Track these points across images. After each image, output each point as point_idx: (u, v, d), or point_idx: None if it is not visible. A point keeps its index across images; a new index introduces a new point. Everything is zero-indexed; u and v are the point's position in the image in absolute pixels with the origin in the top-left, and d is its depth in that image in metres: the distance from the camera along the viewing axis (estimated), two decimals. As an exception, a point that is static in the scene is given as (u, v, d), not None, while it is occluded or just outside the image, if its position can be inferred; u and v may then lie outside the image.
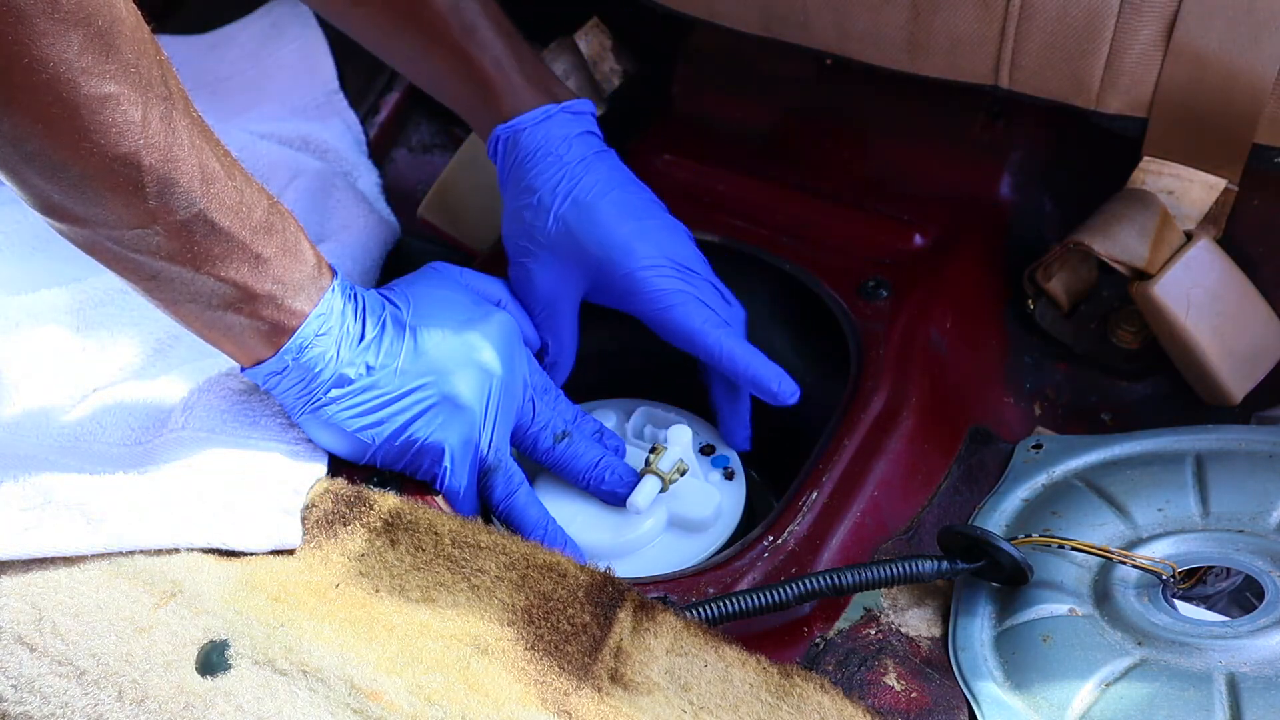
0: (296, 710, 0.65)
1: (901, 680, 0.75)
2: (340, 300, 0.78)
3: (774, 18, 1.00)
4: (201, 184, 0.69)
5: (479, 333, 0.83)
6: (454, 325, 0.82)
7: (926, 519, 0.86)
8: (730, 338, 0.90)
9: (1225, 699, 0.70)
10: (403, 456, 0.81)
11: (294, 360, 0.77)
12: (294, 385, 0.78)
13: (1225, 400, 0.93)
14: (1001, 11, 0.90)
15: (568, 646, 0.69)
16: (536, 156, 0.91)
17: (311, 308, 0.76)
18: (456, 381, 0.81)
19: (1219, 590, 0.83)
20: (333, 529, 0.75)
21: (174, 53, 0.72)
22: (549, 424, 0.88)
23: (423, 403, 0.80)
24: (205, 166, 0.69)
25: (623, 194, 0.92)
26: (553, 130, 0.91)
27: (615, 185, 0.92)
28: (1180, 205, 0.93)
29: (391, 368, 0.79)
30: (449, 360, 0.81)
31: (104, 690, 0.67)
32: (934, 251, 1.01)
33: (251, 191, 0.73)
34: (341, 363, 0.78)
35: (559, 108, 0.92)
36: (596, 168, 0.91)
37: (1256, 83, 0.86)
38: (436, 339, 0.81)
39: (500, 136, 0.92)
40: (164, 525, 0.73)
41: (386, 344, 0.79)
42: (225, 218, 0.70)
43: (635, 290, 0.90)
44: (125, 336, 0.90)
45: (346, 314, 0.78)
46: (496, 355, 0.83)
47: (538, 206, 0.91)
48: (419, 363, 0.80)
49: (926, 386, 0.92)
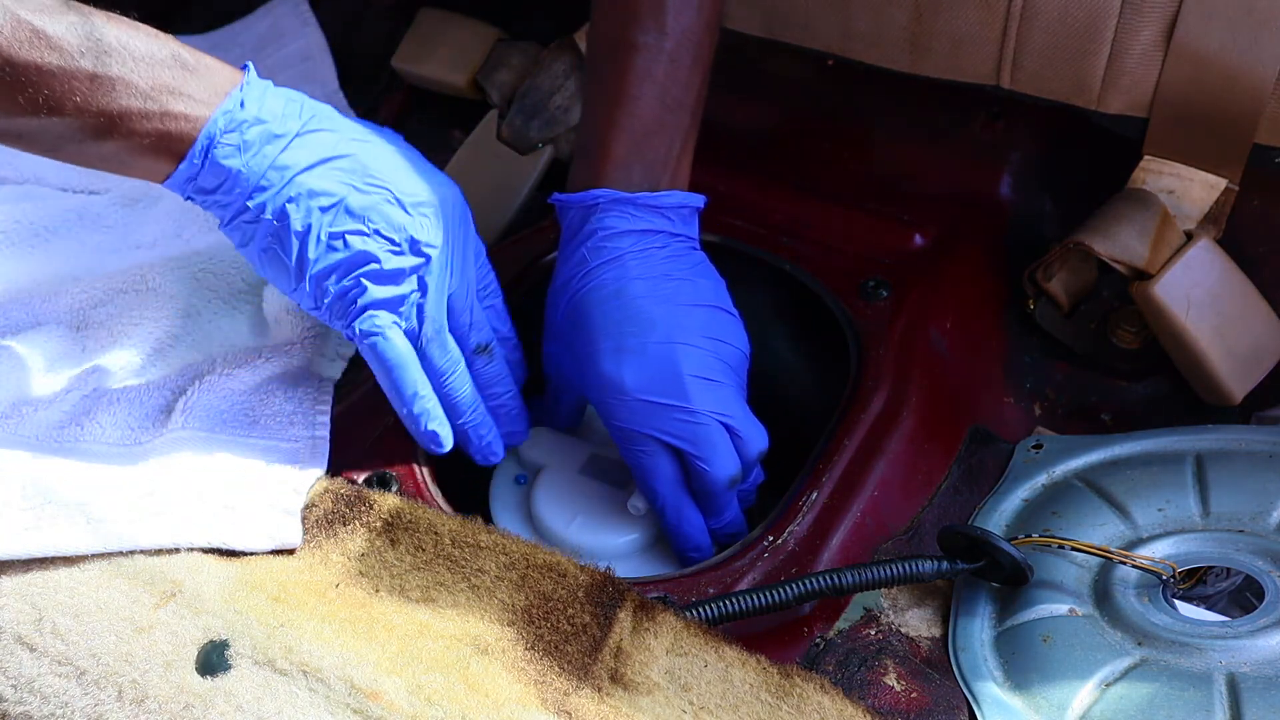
0: (296, 710, 0.65)
1: (901, 680, 0.75)
2: (257, 95, 0.77)
3: (776, 19, 1.00)
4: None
5: (440, 176, 0.81)
6: (410, 156, 0.81)
7: (926, 519, 0.86)
8: (675, 508, 0.84)
9: (1225, 699, 0.70)
10: (329, 278, 0.78)
11: (203, 163, 0.76)
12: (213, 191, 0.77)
13: (1225, 400, 0.93)
14: (1003, 12, 0.90)
15: (568, 646, 0.69)
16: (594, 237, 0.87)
17: (210, 111, 0.75)
18: (415, 188, 0.79)
19: (1219, 590, 0.83)
20: (333, 529, 0.75)
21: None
22: (475, 327, 0.84)
23: (372, 210, 0.78)
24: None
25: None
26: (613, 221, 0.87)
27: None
28: (1180, 205, 0.93)
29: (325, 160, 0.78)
30: (404, 175, 0.79)
31: (104, 690, 0.67)
32: (934, 251, 1.01)
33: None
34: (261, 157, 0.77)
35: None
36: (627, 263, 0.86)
37: (1257, 83, 0.86)
38: (387, 155, 0.79)
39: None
40: (164, 525, 0.73)
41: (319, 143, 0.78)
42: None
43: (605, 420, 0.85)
44: (125, 336, 0.90)
45: (265, 107, 0.77)
46: (460, 199, 0.81)
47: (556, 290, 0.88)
48: (366, 167, 0.79)
49: (926, 386, 0.92)
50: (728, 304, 0.87)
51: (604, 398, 0.84)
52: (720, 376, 0.84)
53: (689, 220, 0.89)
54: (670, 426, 0.82)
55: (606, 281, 0.85)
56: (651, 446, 0.83)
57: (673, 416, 0.82)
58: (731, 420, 0.83)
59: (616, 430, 0.84)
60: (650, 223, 0.87)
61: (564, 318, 0.87)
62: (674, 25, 0.87)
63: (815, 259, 1.00)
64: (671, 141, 0.89)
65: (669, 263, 0.86)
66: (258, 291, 0.96)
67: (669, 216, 0.87)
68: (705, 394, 0.83)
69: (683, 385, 0.82)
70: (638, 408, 0.82)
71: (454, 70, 1.16)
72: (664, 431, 0.82)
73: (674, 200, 0.87)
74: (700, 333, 0.84)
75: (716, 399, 0.83)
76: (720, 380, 0.84)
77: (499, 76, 1.13)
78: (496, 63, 1.14)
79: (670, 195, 0.87)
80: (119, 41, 0.73)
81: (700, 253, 0.89)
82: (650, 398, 0.82)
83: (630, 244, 0.86)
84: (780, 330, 1.00)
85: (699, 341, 0.84)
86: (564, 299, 0.87)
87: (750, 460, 0.85)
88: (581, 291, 0.86)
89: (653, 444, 0.83)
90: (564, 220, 0.89)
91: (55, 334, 0.89)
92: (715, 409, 0.83)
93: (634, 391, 0.82)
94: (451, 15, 1.18)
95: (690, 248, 0.88)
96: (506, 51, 1.14)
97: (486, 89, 1.14)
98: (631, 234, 0.86)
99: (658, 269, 0.86)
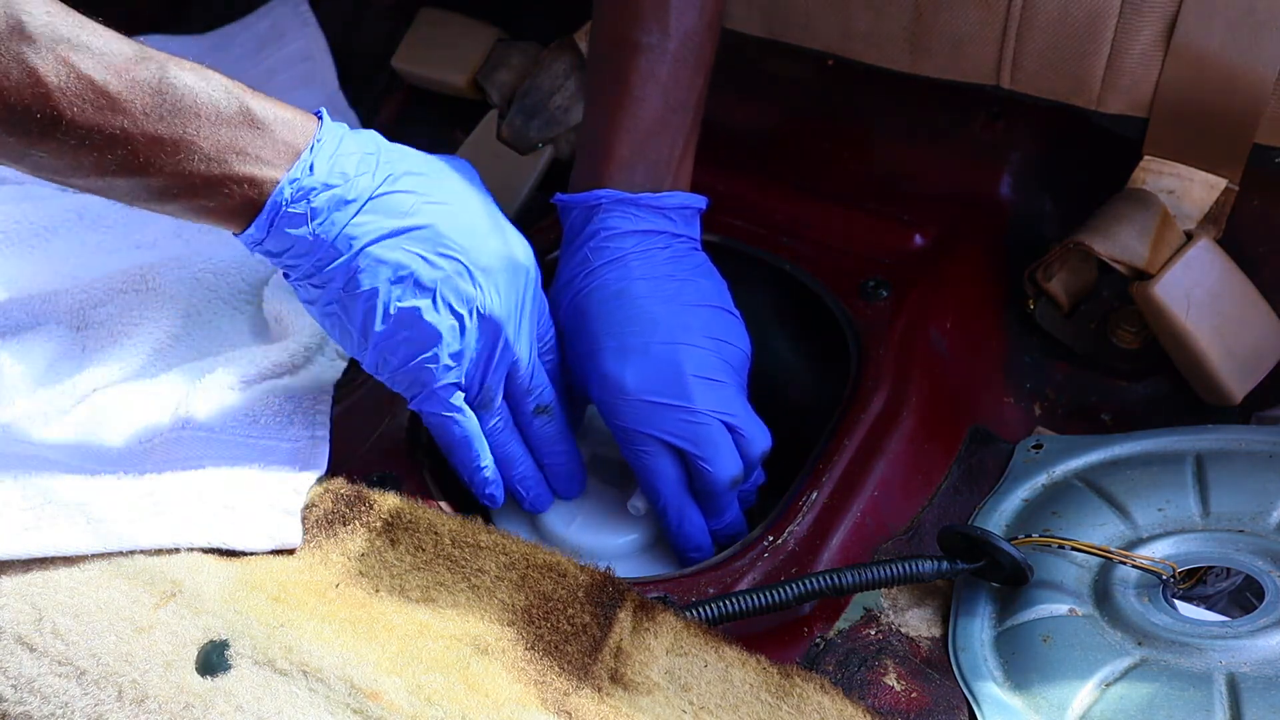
0: (296, 710, 0.65)
1: (901, 680, 0.75)
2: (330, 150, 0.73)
3: (776, 19, 1.00)
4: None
5: (513, 233, 0.78)
6: (485, 211, 0.78)
7: (926, 519, 0.86)
8: (676, 508, 0.84)
9: (1225, 699, 0.70)
10: (396, 337, 0.76)
11: (271, 229, 0.72)
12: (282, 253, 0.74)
13: (1225, 400, 0.93)
14: (1003, 12, 0.90)
15: (568, 646, 0.69)
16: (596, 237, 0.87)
17: (281, 174, 0.72)
18: (487, 257, 0.76)
19: (1219, 590, 0.83)
20: (333, 529, 0.75)
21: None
22: (538, 391, 0.84)
23: (446, 272, 0.75)
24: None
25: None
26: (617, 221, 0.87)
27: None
28: (1181, 205, 0.93)
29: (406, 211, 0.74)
30: (476, 241, 0.76)
31: (104, 690, 0.66)
32: (934, 251, 1.01)
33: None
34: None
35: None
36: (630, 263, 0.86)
37: (1257, 83, 0.86)
38: (461, 217, 0.76)
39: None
40: (164, 525, 0.73)
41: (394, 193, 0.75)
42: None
43: (609, 420, 0.85)
44: (125, 336, 0.90)
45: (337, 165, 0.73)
46: (530, 257, 0.79)
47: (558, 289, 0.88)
48: (441, 225, 0.75)
49: (926, 386, 0.92)
50: (729, 304, 0.87)
51: (606, 398, 0.84)
52: (722, 376, 0.84)
53: (691, 221, 0.89)
54: (672, 426, 0.82)
55: (609, 281, 0.85)
56: (653, 447, 0.83)
57: (675, 416, 0.82)
58: (734, 420, 0.83)
59: (619, 430, 0.84)
60: (653, 223, 0.87)
61: (566, 317, 0.87)
62: (677, 26, 0.87)
63: (815, 259, 1.00)
64: (674, 142, 0.89)
65: (671, 263, 0.86)
66: (258, 292, 0.96)
67: (671, 217, 0.87)
68: (707, 394, 0.83)
69: (685, 385, 0.82)
70: (640, 408, 0.82)
71: (454, 70, 1.16)
72: (666, 431, 0.82)
73: (676, 201, 0.88)
74: (702, 333, 0.84)
75: (719, 399, 0.83)
76: (722, 380, 0.84)
77: (499, 76, 1.13)
78: (496, 63, 1.14)
79: (673, 196, 0.87)
80: (188, 97, 0.69)
81: (702, 253, 0.89)
82: (652, 398, 0.82)
83: (633, 244, 0.86)
84: (780, 330, 1.00)
85: (701, 342, 0.84)
86: (566, 299, 0.87)
87: (754, 459, 0.85)
88: (584, 291, 0.86)
89: (655, 444, 0.83)
90: (566, 220, 0.89)
91: (55, 334, 0.89)
92: (717, 409, 0.83)
93: (636, 392, 0.82)
94: (451, 15, 1.18)
95: (692, 248, 0.88)
96: (506, 51, 1.14)
97: (486, 89, 1.14)
98: (634, 234, 0.86)
99: (660, 269, 0.86)
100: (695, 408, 0.82)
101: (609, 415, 0.84)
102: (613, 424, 0.84)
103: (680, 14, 0.87)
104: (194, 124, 0.69)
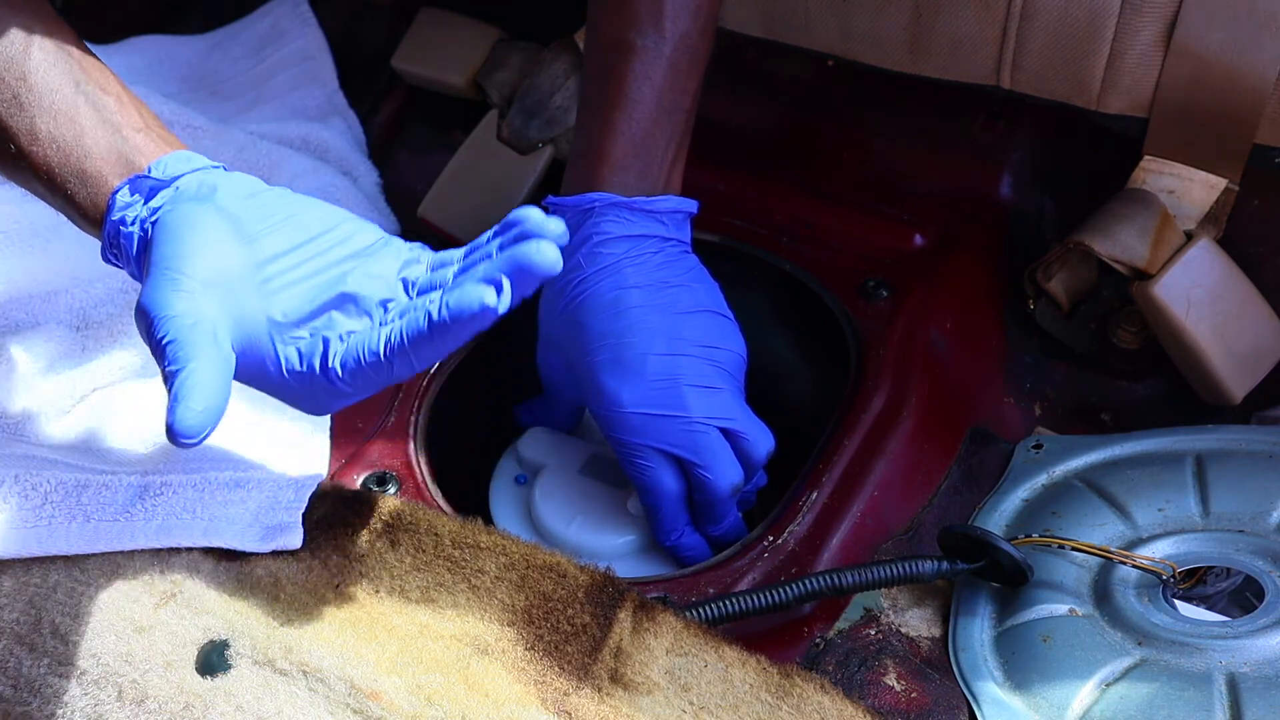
0: (296, 710, 0.65)
1: (901, 680, 0.75)
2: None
3: (775, 20, 1.00)
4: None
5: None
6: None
7: (926, 519, 0.86)
8: (674, 527, 0.85)
9: (1225, 699, 0.70)
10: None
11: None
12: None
13: (1225, 400, 0.93)
14: (1003, 12, 0.90)
15: (568, 646, 0.69)
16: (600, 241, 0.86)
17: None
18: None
19: (1219, 590, 0.83)
20: (333, 530, 0.75)
21: (175, 53, 0.72)
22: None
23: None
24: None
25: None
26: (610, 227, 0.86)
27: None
28: (1181, 205, 0.93)
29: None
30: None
31: (104, 690, 0.67)
32: (934, 251, 1.01)
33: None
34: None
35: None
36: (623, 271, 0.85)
37: (1257, 83, 0.86)
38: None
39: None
40: (164, 525, 0.73)
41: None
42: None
43: (606, 430, 0.85)
44: (125, 336, 0.90)
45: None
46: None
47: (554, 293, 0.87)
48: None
49: (926, 386, 0.92)
50: (723, 308, 0.87)
51: (602, 411, 0.83)
52: (719, 383, 0.84)
53: (682, 225, 0.89)
54: (670, 436, 0.82)
55: (603, 290, 0.85)
56: (653, 458, 0.83)
57: (672, 426, 0.82)
58: (734, 424, 0.83)
59: (616, 443, 0.84)
60: (645, 228, 0.86)
61: (560, 326, 0.87)
62: (672, 29, 0.87)
63: (815, 259, 1.00)
64: (667, 146, 0.88)
65: (664, 269, 0.86)
66: (258, 292, 0.95)
67: (663, 221, 0.87)
68: (704, 402, 0.82)
69: (681, 395, 0.82)
70: (636, 420, 0.82)
71: (454, 70, 1.16)
72: (664, 442, 0.82)
73: (669, 205, 0.87)
74: (697, 340, 0.84)
75: (716, 406, 0.83)
76: (719, 386, 0.83)
77: (499, 76, 1.13)
78: (496, 63, 1.14)
79: (665, 200, 0.87)
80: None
81: (693, 257, 0.89)
82: (649, 410, 0.82)
83: (625, 250, 0.85)
84: (780, 330, 1.00)
85: (696, 350, 0.84)
86: (559, 306, 0.86)
87: (757, 461, 0.85)
88: (577, 300, 0.85)
89: (654, 455, 0.83)
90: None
91: (55, 334, 0.89)
92: (715, 415, 0.82)
93: (633, 405, 0.82)
94: (451, 15, 1.18)
95: (684, 252, 0.88)
96: (506, 51, 1.14)
97: (486, 89, 1.14)
98: (626, 239, 0.85)
99: (654, 275, 0.85)
100: (692, 416, 0.82)
101: (606, 429, 0.84)
102: (610, 436, 0.84)
103: (676, 17, 0.87)
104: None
